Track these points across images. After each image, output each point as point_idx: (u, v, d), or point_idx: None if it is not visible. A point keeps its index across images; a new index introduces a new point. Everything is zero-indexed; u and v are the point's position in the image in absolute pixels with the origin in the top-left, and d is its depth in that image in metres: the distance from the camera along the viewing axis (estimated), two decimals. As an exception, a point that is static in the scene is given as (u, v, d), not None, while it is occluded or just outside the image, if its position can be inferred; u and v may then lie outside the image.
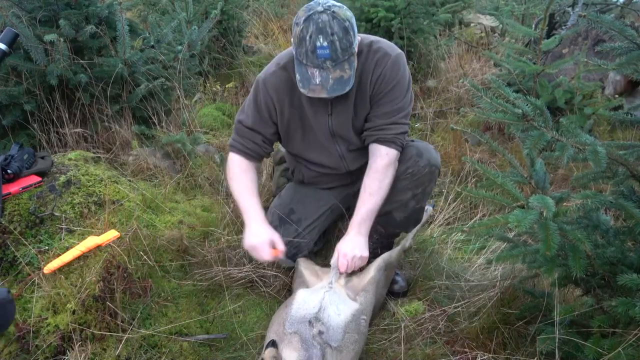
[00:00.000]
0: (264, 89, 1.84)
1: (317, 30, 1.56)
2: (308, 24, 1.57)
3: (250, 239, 1.80)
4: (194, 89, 3.72)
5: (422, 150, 1.89)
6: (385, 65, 1.76)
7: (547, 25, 3.23)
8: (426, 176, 1.88)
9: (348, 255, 1.79)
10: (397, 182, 1.88)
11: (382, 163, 1.83)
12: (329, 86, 1.63)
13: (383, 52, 1.77)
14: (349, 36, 1.59)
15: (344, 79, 1.64)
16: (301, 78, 1.64)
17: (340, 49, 1.58)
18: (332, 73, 1.61)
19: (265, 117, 1.88)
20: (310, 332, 1.52)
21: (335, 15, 1.57)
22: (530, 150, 1.36)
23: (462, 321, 1.79)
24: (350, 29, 1.60)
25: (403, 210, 1.94)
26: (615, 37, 1.35)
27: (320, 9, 1.57)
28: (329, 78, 1.62)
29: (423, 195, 1.93)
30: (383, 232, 2.04)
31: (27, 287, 1.66)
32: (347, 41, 1.59)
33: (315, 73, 1.61)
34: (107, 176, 2.08)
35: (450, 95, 4.07)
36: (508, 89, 1.42)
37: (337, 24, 1.57)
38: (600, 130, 3.37)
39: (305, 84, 1.64)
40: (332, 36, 1.56)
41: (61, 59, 2.42)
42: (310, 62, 1.59)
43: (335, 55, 1.58)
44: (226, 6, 4.33)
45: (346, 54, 1.60)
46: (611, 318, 1.36)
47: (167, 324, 1.72)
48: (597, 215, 1.50)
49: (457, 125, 1.61)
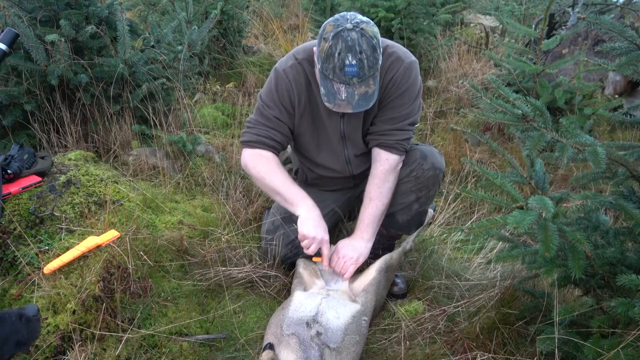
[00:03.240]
0: (284, 78, 1.80)
1: (347, 49, 1.54)
2: (337, 41, 1.55)
3: (308, 228, 1.75)
4: (194, 89, 3.73)
5: (426, 154, 1.89)
6: (397, 71, 1.76)
7: (547, 26, 3.24)
8: (430, 179, 1.89)
9: (340, 254, 1.82)
10: (400, 185, 1.89)
11: (382, 169, 1.84)
12: (355, 102, 1.63)
13: (396, 57, 1.77)
14: (376, 54, 1.58)
15: (369, 94, 1.64)
16: (326, 92, 1.64)
17: (367, 66, 1.57)
18: (358, 89, 1.61)
19: (288, 107, 1.83)
20: (308, 333, 1.52)
21: (364, 32, 1.56)
22: (530, 151, 1.37)
23: (462, 321, 1.79)
24: (377, 47, 1.59)
25: (406, 213, 1.94)
26: (615, 37, 1.36)
27: (349, 26, 1.56)
28: (355, 94, 1.61)
29: (427, 198, 1.94)
30: (384, 234, 2.04)
31: (27, 287, 1.66)
32: (374, 59, 1.58)
33: (342, 89, 1.60)
34: (107, 176, 2.09)
35: (450, 96, 4.07)
36: (508, 90, 1.43)
37: (366, 41, 1.56)
38: (600, 130, 3.37)
39: (331, 99, 1.63)
40: (360, 54, 1.55)
41: (62, 59, 2.42)
42: (337, 78, 1.59)
43: (362, 72, 1.58)
44: (226, 6, 4.33)
45: (372, 70, 1.60)
46: (611, 318, 1.36)
47: (167, 324, 1.72)
48: (597, 216, 1.50)
49: (457, 126, 1.62)
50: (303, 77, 1.79)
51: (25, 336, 1.16)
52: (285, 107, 1.83)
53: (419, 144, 1.97)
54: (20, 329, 1.14)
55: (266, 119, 1.84)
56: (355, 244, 1.85)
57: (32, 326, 1.17)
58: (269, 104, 1.83)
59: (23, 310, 1.16)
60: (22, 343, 1.15)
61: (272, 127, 1.84)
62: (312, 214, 1.79)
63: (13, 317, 1.14)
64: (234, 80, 4.42)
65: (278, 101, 1.82)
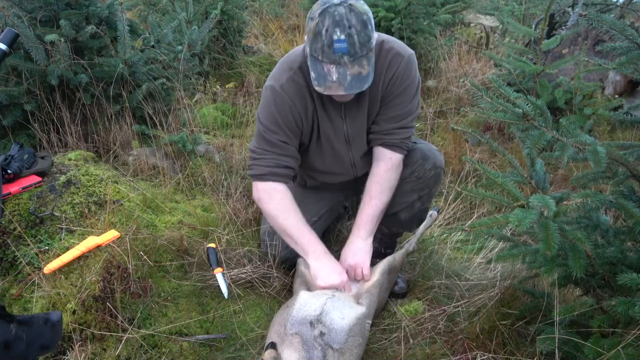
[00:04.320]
0: (284, 97, 1.69)
1: (334, 23, 1.45)
2: (324, 17, 1.46)
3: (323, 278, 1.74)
4: (194, 89, 3.73)
5: (427, 153, 1.88)
6: (398, 66, 1.70)
7: (547, 26, 3.24)
8: (432, 179, 1.88)
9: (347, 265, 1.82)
10: (402, 184, 1.88)
11: (385, 167, 1.82)
12: (347, 83, 1.52)
13: (395, 52, 1.70)
14: (367, 30, 1.49)
15: (362, 75, 1.53)
16: (317, 76, 1.53)
17: (358, 43, 1.47)
18: (350, 69, 1.50)
19: (293, 128, 1.73)
20: (311, 333, 1.51)
21: (352, 7, 1.47)
22: (530, 150, 1.37)
23: (462, 321, 1.79)
24: (369, 23, 1.50)
25: (409, 211, 1.94)
26: (615, 36, 1.36)
27: (336, 1, 1.47)
28: (347, 74, 1.51)
29: (429, 196, 1.94)
30: (387, 232, 2.04)
31: (27, 287, 1.66)
32: (365, 35, 1.49)
33: (332, 69, 1.50)
34: (107, 176, 2.08)
35: (450, 95, 4.07)
36: (508, 89, 1.42)
37: (355, 16, 1.47)
38: (600, 130, 3.37)
39: (322, 82, 1.53)
40: (349, 29, 1.46)
41: (62, 59, 2.42)
42: (327, 57, 1.49)
43: (353, 49, 1.48)
44: (226, 6, 4.34)
45: (364, 49, 1.50)
46: (611, 318, 1.36)
47: (167, 324, 1.72)
48: (597, 215, 1.50)
49: (457, 125, 1.61)
50: (304, 87, 1.70)
51: (49, 340, 1.21)
52: (290, 129, 1.73)
53: (417, 142, 1.96)
54: (45, 332, 1.19)
55: (272, 145, 1.73)
56: (355, 248, 1.83)
57: (56, 331, 1.22)
58: (271, 128, 1.71)
59: (48, 316, 1.21)
60: (45, 346, 1.20)
61: (280, 154, 1.74)
62: (321, 262, 1.77)
63: (40, 321, 1.19)
64: (234, 80, 4.42)
65: (282, 123, 1.71)
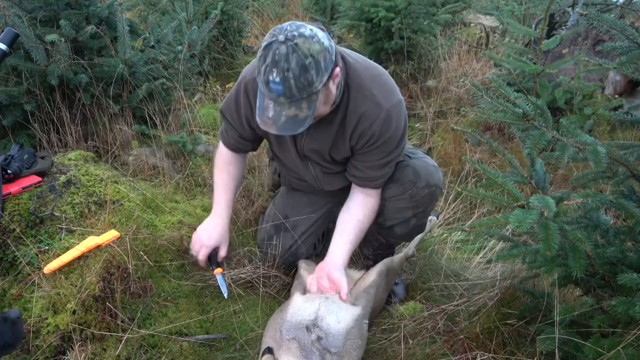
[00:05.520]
0: (244, 93, 1.72)
1: (272, 63, 1.37)
2: (267, 53, 1.39)
3: (200, 232, 1.85)
4: (194, 89, 3.72)
5: (419, 171, 1.76)
6: (374, 121, 1.60)
7: (547, 26, 3.24)
8: (426, 197, 1.79)
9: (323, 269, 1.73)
10: (394, 202, 1.80)
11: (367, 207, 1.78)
12: (280, 123, 1.46)
13: (373, 103, 1.59)
14: (307, 74, 1.38)
15: (299, 118, 1.46)
16: (259, 105, 1.49)
17: (295, 87, 1.39)
18: (286, 110, 1.44)
19: (243, 121, 1.80)
20: (308, 338, 1.50)
21: (295, 48, 1.36)
22: (530, 150, 1.37)
23: (462, 321, 1.79)
24: (312, 67, 1.38)
25: (404, 226, 1.87)
26: (615, 36, 1.36)
27: (281, 38, 1.37)
28: (282, 114, 1.45)
29: (424, 213, 1.87)
30: (384, 243, 2.02)
31: (27, 287, 1.66)
32: (305, 80, 1.38)
33: (270, 105, 1.45)
34: (107, 176, 2.08)
35: (450, 95, 4.07)
36: (509, 89, 1.43)
37: (296, 59, 1.36)
38: (600, 130, 3.37)
39: (260, 114, 1.49)
40: (287, 72, 1.37)
41: (62, 59, 2.42)
42: (266, 92, 1.44)
43: (290, 92, 1.40)
44: (226, 6, 4.34)
45: (303, 92, 1.41)
46: (611, 318, 1.36)
47: (167, 324, 1.72)
48: (597, 215, 1.50)
49: (457, 126, 1.61)
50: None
51: (12, 338, 1.17)
52: (240, 120, 1.81)
53: (411, 157, 1.83)
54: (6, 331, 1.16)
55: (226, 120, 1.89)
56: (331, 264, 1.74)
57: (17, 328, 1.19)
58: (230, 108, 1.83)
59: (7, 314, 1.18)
60: (8, 345, 1.17)
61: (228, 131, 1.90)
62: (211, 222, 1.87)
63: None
64: (233, 80, 4.42)
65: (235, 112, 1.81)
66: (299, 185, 2.03)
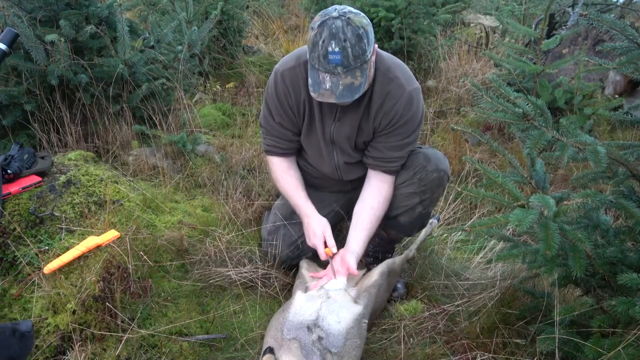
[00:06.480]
0: (282, 82, 1.81)
1: (330, 36, 1.54)
2: (322, 29, 1.55)
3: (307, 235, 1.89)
4: (194, 89, 3.72)
5: (430, 156, 1.87)
6: (397, 101, 1.74)
7: (547, 25, 3.24)
8: (434, 182, 1.86)
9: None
10: (403, 187, 1.87)
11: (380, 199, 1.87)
12: (338, 92, 1.60)
13: (398, 84, 1.74)
14: (362, 43, 1.56)
15: (354, 85, 1.61)
16: (312, 82, 1.63)
17: (352, 55, 1.55)
18: (343, 79, 1.59)
19: (288, 111, 1.86)
20: (309, 338, 1.50)
21: (349, 21, 1.54)
22: (530, 150, 1.37)
23: (462, 321, 1.79)
24: (365, 37, 1.57)
25: (409, 215, 1.92)
26: (615, 36, 1.36)
27: (335, 14, 1.55)
28: (339, 84, 1.59)
29: (431, 201, 1.92)
30: (385, 237, 2.03)
31: (27, 287, 1.66)
32: (359, 48, 1.56)
33: (326, 78, 1.59)
34: (107, 176, 2.08)
35: (450, 95, 4.07)
36: (509, 89, 1.43)
37: (351, 30, 1.54)
38: (600, 130, 3.37)
39: (316, 88, 1.63)
40: (344, 42, 1.53)
41: (61, 59, 2.42)
42: (322, 67, 1.58)
43: (347, 61, 1.56)
44: (226, 6, 4.33)
45: (358, 61, 1.57)
46: (611, 318, 1.36)
47: (167, 324, 1.72)
48: (597, 215, 1.50)
49: (457, 126, 1.61)
50: (302, 79, 1.78)
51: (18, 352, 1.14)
52: (285, 111, 1.86)
53: (422, 147, 1.95)
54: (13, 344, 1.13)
55: (270, 125, 1.93)
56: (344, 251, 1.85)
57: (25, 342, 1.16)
58: (271, 110, 1.89)
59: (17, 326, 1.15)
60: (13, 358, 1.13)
61: (276, 136, 1.94)
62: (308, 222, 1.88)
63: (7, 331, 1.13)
64: (234, 80, 4.42)
65: (279, 106, 1.86)
66: (313, 181, 2.08)
